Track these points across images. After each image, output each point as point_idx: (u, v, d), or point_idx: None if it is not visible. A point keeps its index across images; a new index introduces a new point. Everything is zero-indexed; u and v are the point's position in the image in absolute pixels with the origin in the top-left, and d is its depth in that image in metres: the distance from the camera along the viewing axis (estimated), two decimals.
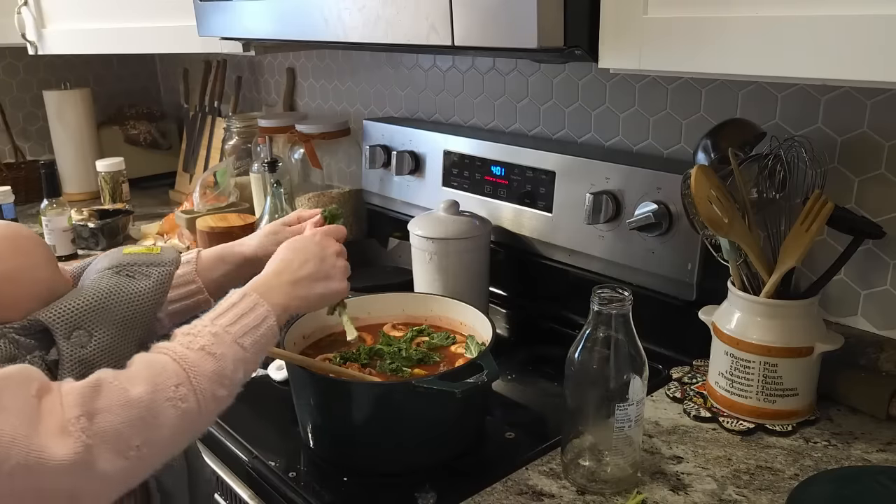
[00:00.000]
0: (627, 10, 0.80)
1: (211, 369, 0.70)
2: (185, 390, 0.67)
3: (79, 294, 0.77)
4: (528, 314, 1.39)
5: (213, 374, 0.70)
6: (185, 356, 0.70)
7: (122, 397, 0.64)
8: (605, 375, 0.82)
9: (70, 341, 0.73)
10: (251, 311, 0.77)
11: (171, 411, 0.66)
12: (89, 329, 0.75)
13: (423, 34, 0.93)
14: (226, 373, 0.71)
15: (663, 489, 0.86)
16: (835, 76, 0.67)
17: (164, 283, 0.82)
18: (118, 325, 0.77)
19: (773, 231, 0.98)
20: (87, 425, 0.61)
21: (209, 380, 0.70)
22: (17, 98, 2.42)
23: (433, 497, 0.85)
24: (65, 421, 0.60)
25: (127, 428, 0.63)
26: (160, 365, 0.68)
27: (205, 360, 0.70)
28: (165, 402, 0.66)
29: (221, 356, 0.71)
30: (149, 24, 1.64)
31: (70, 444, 0.60)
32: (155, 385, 0.66)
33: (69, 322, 0.74)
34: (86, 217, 1.85)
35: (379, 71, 1.76)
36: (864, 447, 0.93)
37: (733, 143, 1.00)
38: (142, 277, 0.81)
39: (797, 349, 0.94)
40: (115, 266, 0.82)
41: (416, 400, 0.87)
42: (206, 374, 0.70)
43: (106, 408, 0.63)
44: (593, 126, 1.34)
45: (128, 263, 0.82)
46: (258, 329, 0.76)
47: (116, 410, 0.63)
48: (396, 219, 1.61)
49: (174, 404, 0.66)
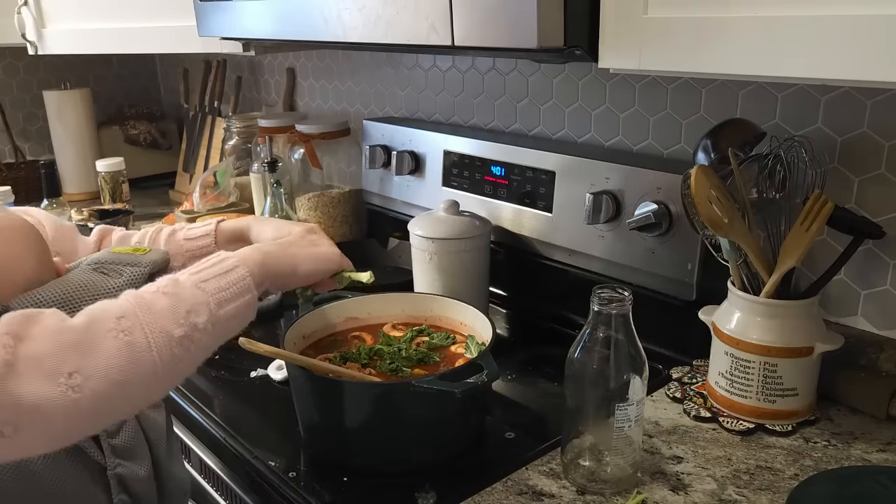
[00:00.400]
0: (627, 10, 0.80)
1: (161, 306, 0.67)
2: (129, 323, 0.64)
3: (52, 286, 0.76)
4: (528, 314, 1.39)
5: (164, 310, 0.67)
6: (137, 295, 0.68)
7: (57, 325, 0.62)
8: (605, 375, 0.82)
9: None
10: (220, 263, 0.76)
11: (112, 341, 0.63)
12: None
13: (423, 34, 0.93)
14: (180, 310, 0.68)
15: (663, 489, 0.86)
16: (835, 76, 0.67)
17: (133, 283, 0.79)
18: None
19: (773, 231, 0.98)
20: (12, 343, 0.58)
21: (159, 315, 0.66)
22: (17, 98, 2.42)
23: (433, 497, 0.85)
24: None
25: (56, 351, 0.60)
26: (107, 303, 0.66)
27: (157, 298, 0.68)
28: (106, 332, 0.63)
29: (175, 294, 0.69)
30: (149, 24, 1.64)
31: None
32: (94, 316, 0.64)
33: None
34: (86, 217, 1.85)
35: (379, 71, 1.76)
36: (864, 447, 0.93)
37: (733, 143, 1.00)
38: (114, 275, 0.79)
39: (797, 349, 0.94)
40: (97, 262, 0.81)
41: (416, 400, 0.87)
42: (156, 309, 0.66)
43: (37, 333, 0.60)
44: (593, 126, 1.34)
45: (108, 261, 0.81)
46: (226, 276, 0.74)
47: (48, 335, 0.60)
48: (396, 219, 1.61)
49: (115, 335, 0.63)
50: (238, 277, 0.75)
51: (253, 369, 1.18)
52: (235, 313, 0.74)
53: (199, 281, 0.72)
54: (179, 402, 1.10)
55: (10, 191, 1.92)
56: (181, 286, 0.71)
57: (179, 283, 0.71)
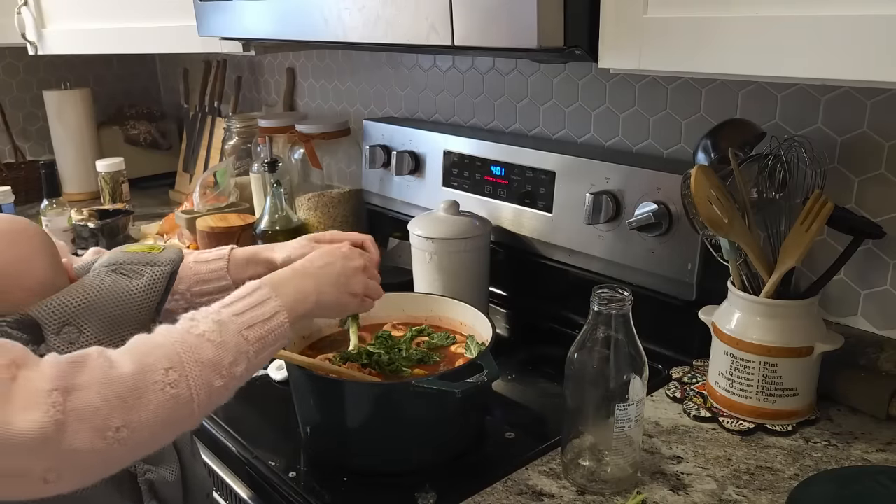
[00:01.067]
0: (627, 10, 0.80)
1: (208, 356, 0.67)
2: (175, 375, 0.64)
3: (72, 290, 0.75)
4: (528, 314, 1.39)
5: (210, 361, 0.67)
6: (183, 339, 0.67)
7: (105, 374, 0.61)
8: (605, 375, 0.82)
9: (59, 337, 0.72)
10: (262, 305, 0.75)
11: (159, 395, 0.63)
12: (79, 325, 0.73)
13: (423, 34, 0.93)
14: (224, 363, 0.68)
15: (663, 489, 0.86)
16: (835, 76, 0.67)
17: (156, 282, 0.80)
18: (108, 322, 0.75)
19: (773, 231, 0.98)
20: (61, 400, 0.58)
21: (204, 367, 0.66)
22: (17, 98, 2.42)
23: (433, 497, 0.85)
24: (36, 393, 0.58)
25: (106, 406, 0.60)
26: (153, 344, 0.66)
27: (203, 345, 0.67)
28: (153, 384, 0.63)
29: (221, 344, 0.68)
30: (149, 24, 1.64)
31: (37, 418, 0.57)
32: (143, 365, 0.63)
33: (59, 317, 0.72)
34: (86, 217, 1.85)
35: (379, 71, 1.76)
36: (864, 447, 0.93)
37: (733, 143, 1.00)
38: (135, 276, 0.79)
39: (797, 349, 0.94)
40: (112, 263, 0.81)
41: (416, 400, 0.87)
42: (202, 360, 0.66)
43: (86, 384, 0.60)
44: (593, 126, 1.34)
45: (124, 262, 0.81)
46: (266, 324, 0.74)
47: (96, 387, 0.60)
48: (396, 219, 1.61)
49: (162, 388, 0.63)
50: (278, 324, 0.75)
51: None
52: (267, 356, 0.75)
53: (244, 327, 0.72)
54: None
55: (10, 191, 1.92)
56: (226, 332, 0.70)
57: (225, 328, 0.70)
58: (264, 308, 0.75)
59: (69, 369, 0.60)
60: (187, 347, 0.66)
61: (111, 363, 0.62)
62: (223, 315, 0.71)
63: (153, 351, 0.65)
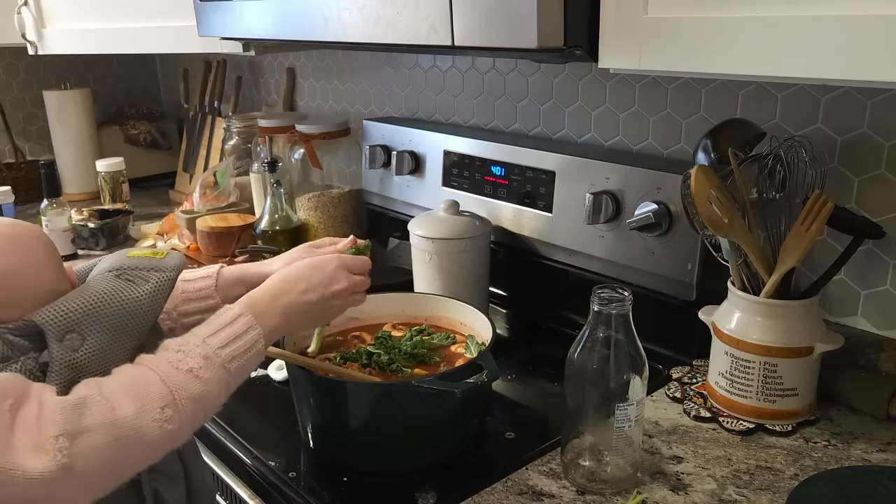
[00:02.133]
0: (627, 10, 0.80)
1: (196, 393, 0.70)
2: (170, 412, 0.68)
3: (75, 296, 0.74)
4: (528, 314, 1.39)
5: (199, 397, 0.70)
6: (172, 377, 0.70)
7: (108, 416, 0.64)
8: (605, 375, 0.82)
9: (62, 344, 0.71)
10: (244, 335, 0.77)
11: (158, 433, 0.67)
12: (82, 332, 0.72)
13: (423, 34, 0.93)
14: (210, 398, 0.72)
15: (663, 489, 0.86)
16: (835, 76, 0.67)
17: (162, 288, 0.79)
18: (112, 330, 0.74)
19: (773, 231, 0.98)
20: (68, 445, 0.61)
21: (193, 403, 0.70)
22: (17, 98, 2.42)
23: (433, 497, 0.85)
24: (42, 439, 0.61)
25: (109, 447, 0.64)
26: (146, 382, 0.69)
27: (192, 382, 0.70)
28: (151, 422, 0.66)
29: (208, 381, 0.72)
30: (149, 24, 1.64)
31: (45, 462, 0.60)
32: (141, 405, 0.67)
33: (62, 324, 0.71)
34: (86, 217, 1.85)
35: (379, 71, 1.76)
36: (864, 447, 0.93)
37: (733, 143, 1.00)
38: (140, 282, 0.78)
39: (797, 349, 0.94)
40: (116, 269, 0.79)
41: (416, 400, 0.87)
42: (192, 397, 0.70)
43: (90, 427, 0.63)
44: (593, 126, 1.34)
45: (129, 267, 0.80)
46: (247, 353, 0.76)
47: (101, 430, 0.64)
48: (396, 219, 1.61)
49: (160, 426, 0.67)
50: (256, 353, 0.78)
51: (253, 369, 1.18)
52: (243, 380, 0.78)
53: (227, 360, 0.74)
54: None
55: (10, 191, 1.92)
56: (212, 366, 0.73)
57: (210, 363, 0.72)
58: (246, 338, 0.77)
59: (74, 413, 0.63)
60: (178, 385, 0.70)
61: (111, 404, 0.65)
62: (209, 349, 0.74)
63: (148, 389, 0.68)
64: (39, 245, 0.76)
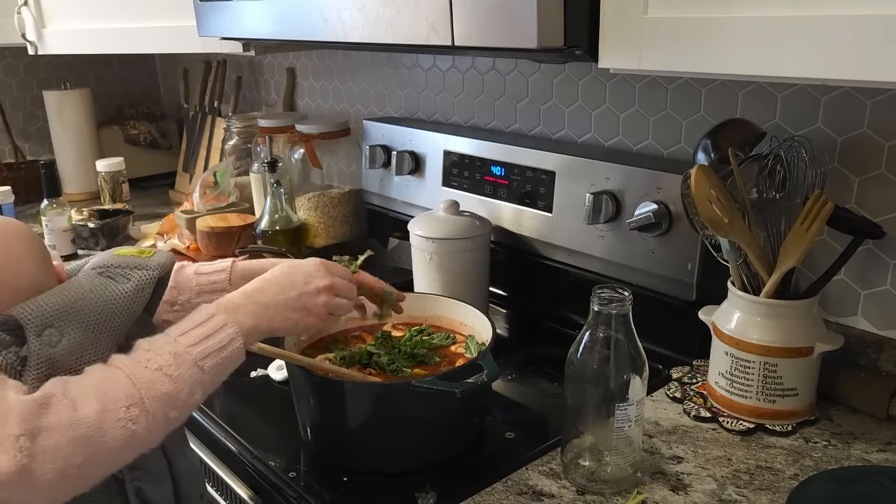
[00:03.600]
0: (627, 10, 0.80)
1: (165, 391, 0.69)
2: (136, 411, 0.67)
3: (56, 292, 0.74)
4: (528, 314, 1.39)
5: (167, 396, 0.69)
6: (140, 375, 0.69)
7: (70, 416, 0.64)
8: (605, 375, 0.82)
9: (40, 339, 0.70)
10: (217, 333, 0.76)
11: (120, 432, 0.66)
12: (60, 328, 0.72)
13: (423, 34, 0.93)
14: (181, 396, 0.71)
15: (663, 489, 0.86)
16: (835, 76, 0.67)
17: (144, 287, 0.78)
18: (90, 326, 0.74)
19: (773, 231, 0.98)
20: (28, 444, 0.61)
21: (162, 402, 0.69)
22: (17, 98, 2.42)
23: (433, 497, 0.85)
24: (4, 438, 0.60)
25: (70, 447, 0.63)
26: (112, 381, 0.68)
27: (161, 381, 0.69)
28: (115, 422, 0.66)
29: (178, 378, 0.71)
30: (149, 24, 1.64)
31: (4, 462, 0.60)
32: (105, 404, 0.66)
33: (41, 319, 0.71)
34: (86, 217, 1.85)
35: (379, 71, 1.76)
36: (864, 447, 0.93)
37: (733, 143, 1.00)
38: (122, 280, 0.77)
39: (797, 349, 0.94)
40: (100, 266, 0.79)
41: (416, 400, 0.87)
42: (160, 396, 0.69)
43: (51, 426, 0.63)
44: (593, 126, 1.34)
45: (113, 265, 0.79)
46: (222, 352, 0.75)
47: (62, 430, 0.63)
48: (396, 219, 1.61)
49: (124, 425, 0.66)
50: (233, 350, 0.76)
51: (253, 369, 1.18)
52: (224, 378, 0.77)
53: (199, 357, 0.73)
54: None
55: (10, 191, 1.92)
56: (182, 364, 0.72)
57: (181, 361, 0.72)
58: (220, 336, 0.76)
59: (35, 412, 0.63)
60: (145, 384, 0.69)
61: (74, 404, 0.65)
62: (179, 346, 0.73)
63: (114, 388, 0.67)
64: (19, 240, 0.75)
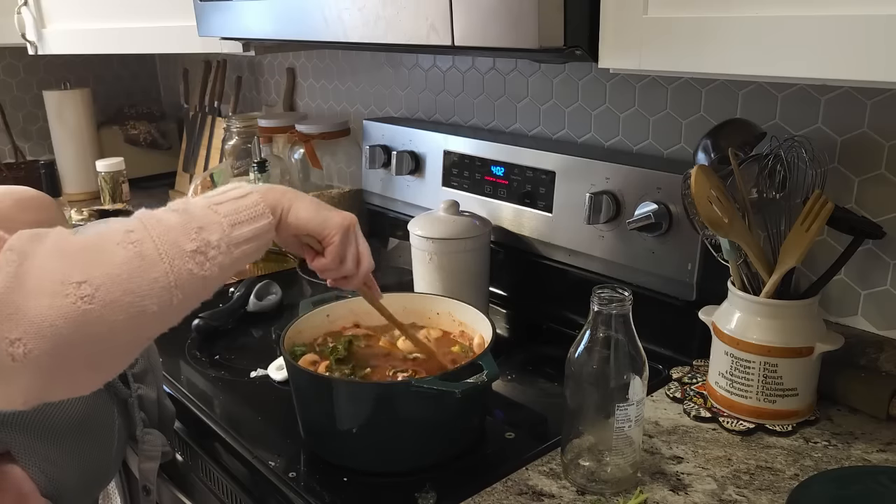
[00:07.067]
0: (627, 10, 0.80)
1: (172, 221, 0.64)
2: (138, 235, 0.61)
3: None
4: (528, 314, 1.39)
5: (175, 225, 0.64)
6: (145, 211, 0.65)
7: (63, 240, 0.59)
8: (605, 375, 0.82)
9: None
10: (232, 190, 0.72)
11: (121, 251, 0.60)
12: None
13: (423, 34, 0.93)
14: (191, 225, 0.65)
15: (663, 489, 0.86)
16: (835, 76, 0.67)
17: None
18: None
19: (773, 231, 0.98)
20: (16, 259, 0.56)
21: (169, 229, 0.63)
22: (17, 98, 2.42)
23: (433, 497, 0.85)
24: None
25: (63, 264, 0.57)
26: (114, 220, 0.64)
27: (166, 214, 0.65)
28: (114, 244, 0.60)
29: (185, 212, 0.66)
30: (149, 24, 1.64)
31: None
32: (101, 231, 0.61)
33: None
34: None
35: (379, 71, 1.76)
36: (864, 447, 0.93)
37: (733, 143, 1.00)
38: None
39: (797, 349, 0.94)
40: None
41: (416, 400, 0.87)
42: (165, 224, 0.63)
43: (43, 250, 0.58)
44: (593, 126, 1.34)
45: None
46: (238, 201, 0.70)
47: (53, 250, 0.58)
48: (396, 219, 1.61)
49: (123, 246, 0.60)
50: (252, 203, 0.71)
51: (253, 369, 1.18)
52: (251, 236, 0.70)
53: (212, 203, 0.69)
54: (179, 401, 1.10)
55: None
56: (191, 206, 0.68)
57: (189, 203, 0.68)
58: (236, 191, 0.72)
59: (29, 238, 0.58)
60: (148, 216, 0.64)
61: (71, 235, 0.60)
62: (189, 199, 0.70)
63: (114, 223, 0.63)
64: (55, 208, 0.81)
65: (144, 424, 0.95)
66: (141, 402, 0.93)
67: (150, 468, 0.97)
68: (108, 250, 0.59)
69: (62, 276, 0.56)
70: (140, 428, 0.94)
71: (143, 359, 0.96)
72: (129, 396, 0.92)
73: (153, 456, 0.97)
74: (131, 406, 0.93)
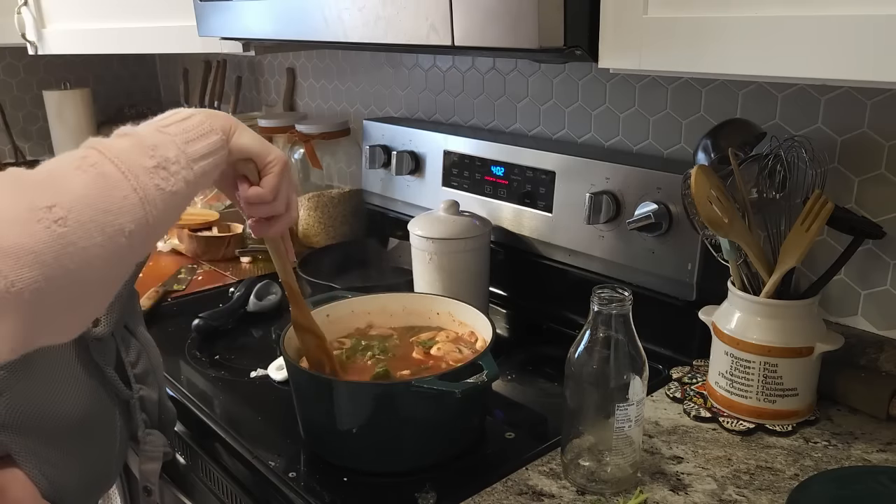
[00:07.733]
0: (627, 10, 0.80)
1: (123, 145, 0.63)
2: (94, 158, 0.60)
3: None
4: (528, 314, 1.39)
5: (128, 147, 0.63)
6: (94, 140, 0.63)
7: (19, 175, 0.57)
8: (605, 375, 0.82)
9: None
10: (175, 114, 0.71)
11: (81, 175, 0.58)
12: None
13: (423, 34, 0.93)
14: (145, 145, 0.64)
15: (663, 489, 0.86)
16: (835, 76, 0.67)
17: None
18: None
19: (773, 231, 0.98)
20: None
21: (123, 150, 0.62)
22: (17, 98, 2.42)
23: (433, 497, 0.85)
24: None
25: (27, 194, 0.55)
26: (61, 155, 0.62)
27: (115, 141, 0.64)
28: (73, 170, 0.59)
29: (134, 135, 0.65)
30: (149, 24, 1.64)
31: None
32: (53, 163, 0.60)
33: None
34: None
35: (379, 71, 1.76)
36: (864, 447, 0.93)
37: (733, 143, 1.00)
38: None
39: (797, 349, 0.94)
40: None
41: (416, 400, 0.87)
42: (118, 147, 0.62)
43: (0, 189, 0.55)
44: (593, 126, 1.34)
45: None
46: (184, 122, 0.69)
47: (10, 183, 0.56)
48: (396, 219, 1.61)
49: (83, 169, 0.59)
50: (198, 122, 0.71)
51: (253, 369, 1.18)
52: (205, 152, 0.70)
53: (159, 126, 0.68)
54: (179, 401, 1.10)
55: None
56: (138, 130, 0.66)
57: (135, 129, 0.67)
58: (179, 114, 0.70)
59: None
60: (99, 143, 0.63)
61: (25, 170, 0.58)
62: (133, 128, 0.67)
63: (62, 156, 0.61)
64: None
65: (146, 425, 0.96)
66: (143, 403, 0.94)
67: (152, 469, 0.97)
68: (68, 176, 0.58)
69: (29, 203, 0.54)
70: (142, 429, 0.95)
71: (145, 359, 0.96)
72: (130, 397, 0.93)
73: (155, 457, 0.97)
74: (133, 407, 0.93)
